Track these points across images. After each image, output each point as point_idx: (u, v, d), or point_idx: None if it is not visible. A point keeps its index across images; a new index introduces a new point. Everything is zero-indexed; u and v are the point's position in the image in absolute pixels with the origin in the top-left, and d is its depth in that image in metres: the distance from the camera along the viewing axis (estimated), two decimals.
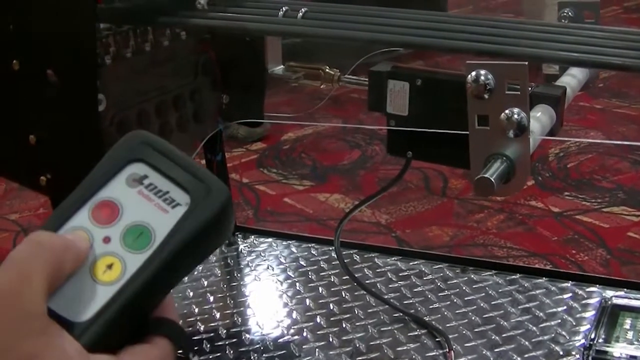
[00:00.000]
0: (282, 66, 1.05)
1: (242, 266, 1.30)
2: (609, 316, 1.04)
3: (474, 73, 0.68)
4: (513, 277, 1.18)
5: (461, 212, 2.51)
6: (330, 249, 1.31)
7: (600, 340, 1.00)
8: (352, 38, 0.87)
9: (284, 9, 0.91)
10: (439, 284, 1.18)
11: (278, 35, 1.02)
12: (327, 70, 0.99)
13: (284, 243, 1.35)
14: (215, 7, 0.90)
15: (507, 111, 0.69)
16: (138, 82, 1.06)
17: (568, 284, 1.15)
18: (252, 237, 1.38)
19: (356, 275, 1.17)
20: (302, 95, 3.40)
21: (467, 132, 0.74)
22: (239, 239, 1.37)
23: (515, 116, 0.68)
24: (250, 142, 3.08)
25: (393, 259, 1.26)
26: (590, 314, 1.07)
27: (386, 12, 0.88)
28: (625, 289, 1.11)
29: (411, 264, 1.25)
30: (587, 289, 1.14)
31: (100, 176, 0.49)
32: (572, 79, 0.91)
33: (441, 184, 2.68)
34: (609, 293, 1.12)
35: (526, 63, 0.67)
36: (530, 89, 0.79)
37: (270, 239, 1.37)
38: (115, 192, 0.49)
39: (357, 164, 2.95)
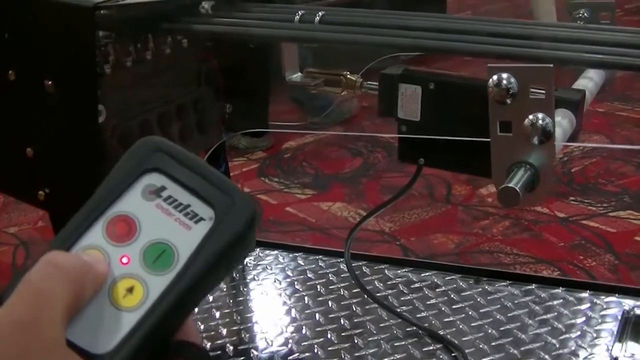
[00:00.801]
0: (299, 73, 1.01)
1: (248, 280, 1.26)
2: (633, 328, 1.00)
3: (495, 77, 0.65)
4: (529, 287, 1.15)
5: (466, 219, 2.48)
6: (339, 260, 1.27)
7: (627, 354, 0.96)
8: (372, 43, 0.84)
9: (300, 12, 0.88)
10: (452, 296, 1.15)
11: (299, 42, 0.98)
12: (348, 76, 0.95)
13: (291, 255, 1.31)
14: (220, 13, 0.86)
15: (531, 117, 0.65)
16: (139, 91, 1.03)
17: (586, 294, 1.12)
18: (258, 249, 1.34)
19: (367, 288, 1.13)
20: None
21: (485, 139, 0.71)
22: None
23: (540, 122, 0.65)
24: (252, 152, 3.05)
25: (404, 270, 1.22)
26: (610, 325, 1.04)
27: (403, 16, 0.85)
28: None
29: (422, 275, 1.21)
30: (606, 299, 1.10)
31: (113, 188, 0.45)
32: (589, 81, 0.88)
33: (445, 191, 2.65)
34: (628, 302, 1.08)
35: (551, 66, 0.63)
36: None
37: (276, 251, 1.33)
38: (131, 205, 0.44)
39: (359, 171, 2.92)
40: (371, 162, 3.01)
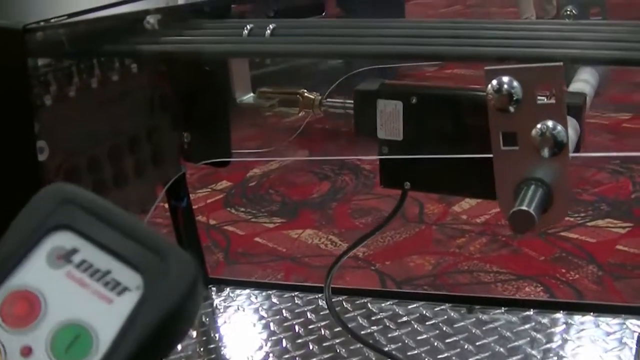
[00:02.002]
0: (252, 94, 0.91)
1: (219, 324, 1.15)
2: None
3: (495, 81, 0.55)
4: (527, 313, 1.06)
5: (441, 238, 2.41)
6: (317, 296, 1.17)
7: None
8: (329, 52, 0.75)
9: (248, 27, 0.78)
10: (444, 329, 1.05)
11: (246, 57, 0.88)
12: (305, 94, 0.86)
13: (264, 294, 1.21)
14: (168, 30, 0.76)
15: (539, 125, 0.56)
16: (86, 124, 0.92)
17: (590, 317, 1.03)
18: (228, 289, 1.24)
19: (349, 326, 1.03)
20: (265, 128, 3.30)
21: (485, 155, 0.62)
22: (213, 293, 1.22)
23: (551, 131, 0.56)
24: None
25: (388, 303, 1.13)
26: (622, 349, 0.95)
27: (369, 22, 0.76)
28: None
29: (409, 307, 1.11)
30: (611, 321, 1.01)
31: (9, 255, 0.35)
32: (584, 84, 0.79)
33: (417, 211, 2.57)
34: (638, 323, 1.00)
35: (562, 64, 0.54)
36: None
37: (247, 290, 1.23)
38: (33, 277, 0.34)
39: (328, 196, 2.84)
40: (339, 185, 2.94)
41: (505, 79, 0.56)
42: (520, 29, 0.65)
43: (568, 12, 0.84)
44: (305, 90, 0.87)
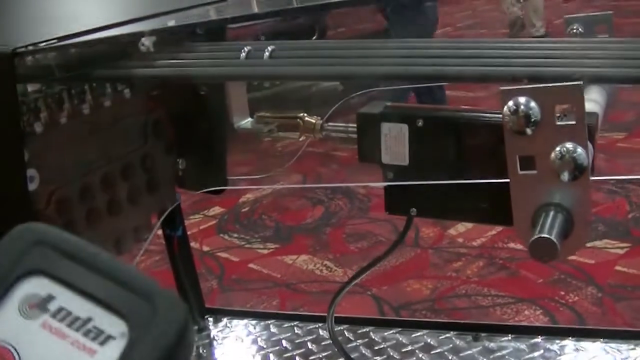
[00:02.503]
0: (250, 119, 0.88)
1: (216, 356, 1.11)
2: None
3: (511, 102, 0.53)
4: (534, 340, 1.02)
5: (438, 262, 2.38)
6: (317, 326, 1.13)
7: None
8: (330, 75, 0.72)
9: (246, 49, 0.75)
10: (450, 358, 1.01)
11: (245, 80, 0.85)
12: (306, 118, 0.83)
13: (262, 323, 1.17)
14: (162, 54, 0.73)
15: (558, 148, 0.53)
16: (78, 151, 0.89)
17: (600, 343, 1.00)
18: (225, 319, 1.20)
19: (352, 356, 1.00)
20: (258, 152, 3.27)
21: (498, 180, 0.59)
22: (209, 324, 1.18)
23: (571, 154, 0.53)
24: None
25: (391, 331, 1.09)
26: None
27: (370, 43, 0.73)
28: None
29: (413, 336, 1.08)
30: (621, 347, 0.98)
31: None
32: (594, 104, 0.76)
33: (413, 234, 2.54)
34: None
35: (582, 82, 0.52)
36: None
37: (245, 320, 1.18)
38: (4, 329, 0.31)
39: (322, 221, 2.81)
40: (333, 210, 2.91)
41: (522, 99, 0.53)
42: (530, 47, 0.62)
43: (574, 30, 0.82)
44: (306, 114, 0.83)
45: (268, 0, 1.06)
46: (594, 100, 0.78)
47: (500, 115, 0.65)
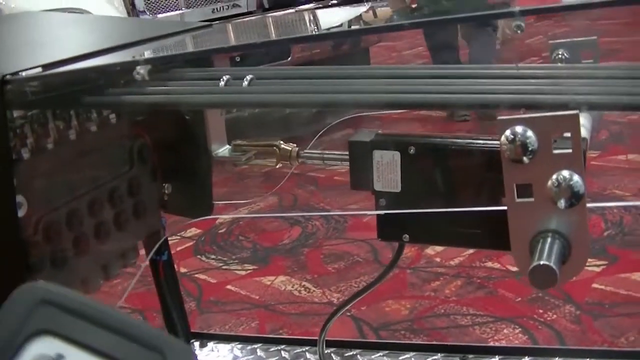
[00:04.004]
0: (227, 146, 0.88)
1: None
2: None
3: (509, 131, 0.53)
4: None
5: (416, 282, 2.39)
6: (304, 349, 1.13)
7: None
8: (311, 102, 0.72)
9: (225, 77, 0.75)
10: None
11: (220, 108, 0.85)
12: (282, 146, 0.83)
13: (249, 348, 1.16)
14: (155, 82, 0.73)
15: (555, 176, 0.54)
16: (65, 177, 0.88)
17: None
18: (211, 343, 1.19)
19: None
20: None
21: (487, 207, 0.60)
22: (195, 349, 1.18)
23: (568, 182, 0.54)
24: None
25: (379, 354, 1.09)
26: None
27: (350, 69, 0.73)
28: None
29: (400, 358, 1.08)
30: None
31: None
32: (584, 130, 0.78)
33: (390, 255, 2.55)
34: None
35: (578, 111, 0.53)
36: None
37: (231, 344, 1.18)
38: None
39: (299, 242, 2.81)
40: (310, 230, 2.91)
41: (519, 129, 0.54)
42: (520, 75, 0.63)
43: (560, 56, 0.83)
44: (282, 142, 0.84)
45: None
46: (582, 125, 0.79)
47: (492, 142, 0.66)
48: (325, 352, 1.12)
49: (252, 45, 0.82)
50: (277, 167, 0.88)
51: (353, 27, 1.17)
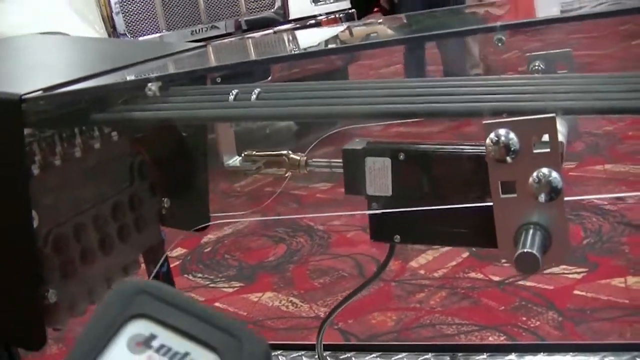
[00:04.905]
0: (238, 157, 0.93)
1: None
2: None
3: (493, 134, 0.59)
4: (509, 357, 1.08)
5: (401, 294, 2.43)
6: (300, 354, 1.17)
7: None
8: (317, 114, 0.78)
9: (234, 92, 0.81)
10: None
11: (232, 121, 0.90)
12: (291, 155, 0.88)
13: None
14: (166, 98, 0.78)
15: (535, 173, 0.60)
16: (71, 192, 0.93)
17: (569, 357, 1.06)
18: None
19: None
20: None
21: (471, 204, 0.65)
22: None
23: (547, 178, 0.59)
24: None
25: (372, 356, 1.14)
26: None
27: (350, 83, 0.79)
28: (635, 352, 1.03)
29: (394, 359, 1.13)
30: (591, 358, 1.05)
31: (93, 344, 0.37)
32: (560, 135, 0.84)
33: (374, 268, 2.59)
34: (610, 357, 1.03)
35: (554, 115, 0.58)
36: None
37: None
38: None
39: (285, 258, 2.84)
40: (295, 247, 2.95)
41: (503, 131, 0.60)
42: (502, 84, 0.69)
43: (536, 67, 0.89)
44: (290, 152, 0.89)
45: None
46: (559, 131, 0.85)
47: (474, 148, 0.72)
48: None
49: (254, 62, 0.88)
50: (287, 175, 0.92)
51: (331, 46, 1.23)
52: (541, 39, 5.29)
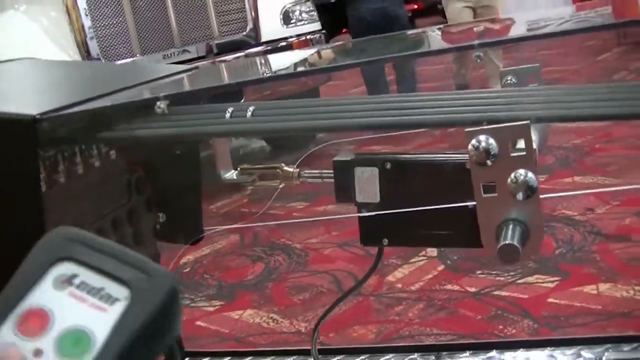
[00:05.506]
0: (234, 170, 0.99)
1: None
2: None
3: (474, 140, 0.66)
4: (490, 354, 1.14)
5: (380, 308, 2.47)
6: (293, 359, 1.22)
7: None
8: (310, 127, 0.84)
9: (229, 110, 0.87)
10: None
11: (229, 137, 0.96)
12: (284, 168, 0.95)
13: None
14: (171, 116, 0.84)
15: (513, 174, 0.67)
16: (74, 208, 0.98)
17: (547, 351, 1.13)
18: None
19: None
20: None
21: (458, 204, 0.72)
22: None
23: (524, 178, 0.67)
24: None
25: (361, 358, 1.20)
26: None
27: (341, 99, 0.86)
28: (608, 344, 1.10)
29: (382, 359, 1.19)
30: (567, 352, 1.11)
31: (22, 283, 0.45)
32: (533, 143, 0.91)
33: (352, 283, 2.64)
34: (595, 351, 1.09)
35: (529, 122, 0.66)
36: None
37: (227, 359, 1.27)
38: (42, 298, 0.44)
39: (264, 276, 2.88)
40: (273, 265, 2.98)
41: (483, 137, 0.67)
42: (480, 97, 0.76)
43: (508, 81, 0.97)
44: (284, 164, 0.96)
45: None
46: (533, 140, 0.93)
47: (455, 157, 0.79)
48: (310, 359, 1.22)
49: (252, 81, 0.93)
50: (281, 186, 0.99)
51: (303, 69, 1.29)
52: (511, 57, 5.41)
